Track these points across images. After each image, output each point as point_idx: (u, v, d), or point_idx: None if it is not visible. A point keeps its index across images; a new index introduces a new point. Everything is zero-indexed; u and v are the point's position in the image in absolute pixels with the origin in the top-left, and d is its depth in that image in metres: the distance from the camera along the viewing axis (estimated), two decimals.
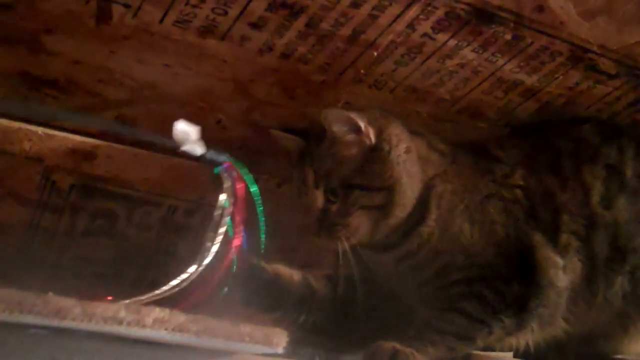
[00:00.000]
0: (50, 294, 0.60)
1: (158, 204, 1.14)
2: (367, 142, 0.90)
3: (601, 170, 0.96)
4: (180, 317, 0.61)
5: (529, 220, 0.93)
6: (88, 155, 1.04)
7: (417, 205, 0.91)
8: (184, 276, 0.79)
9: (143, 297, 0.74)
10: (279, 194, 1.18)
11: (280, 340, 0.64)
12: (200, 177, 1.12)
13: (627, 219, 0.95)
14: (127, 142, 1.05)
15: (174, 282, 0.78)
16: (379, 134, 0.91)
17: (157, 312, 0.61)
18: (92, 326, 0.59)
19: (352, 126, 0.89)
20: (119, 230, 1.16)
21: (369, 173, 0.90)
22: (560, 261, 0.92)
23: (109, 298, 0.67)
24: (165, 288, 0.78)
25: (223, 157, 0.90)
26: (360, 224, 0.89)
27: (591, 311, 0.95)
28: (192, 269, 0.80)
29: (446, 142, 0.97)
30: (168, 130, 1.04)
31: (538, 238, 0.92)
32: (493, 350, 0.95)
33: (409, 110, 1.03)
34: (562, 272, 0.92)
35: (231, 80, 0.97)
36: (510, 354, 0.96)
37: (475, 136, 1.08)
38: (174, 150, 0.88)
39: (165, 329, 0.60)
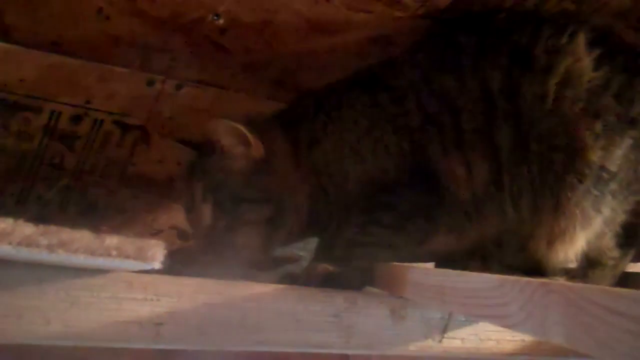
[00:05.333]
0: None
1: (38, 110, 1.01)
2: (256, 155, 0.91)
3: (504, 59, 0.90)
4: (27, 229, 0.50)
5: (424, 131, 0.92)
6: None
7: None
8: None
9: None
10: (178, 98, 1.07)
11: (156, 253, 0.54)
12: (87, 77, 0.99)
13: (531, 104, 0.88)
14: None
15: None
16: (266, 146, 0.92)
17: None
18: None
19: (241, 139, 0.90)
20: None
21: (258, 185, 0.91)
22: (460, 172, 0.90)
23: None
24: None
25: None
26: (248, 242, 0.90)
27: (503, 209, 0.90)
28: None
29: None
30: (41, 25, 0.91)
31: (434, 149, 0.91)
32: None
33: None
34: (464, 182, 0.90)
35: None
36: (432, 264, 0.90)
37: (392, 29, 0.98)
38: None
39: (9, 243, 0.48)
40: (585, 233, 0.87)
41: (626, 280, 0.97)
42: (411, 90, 0.93)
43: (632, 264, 0.98)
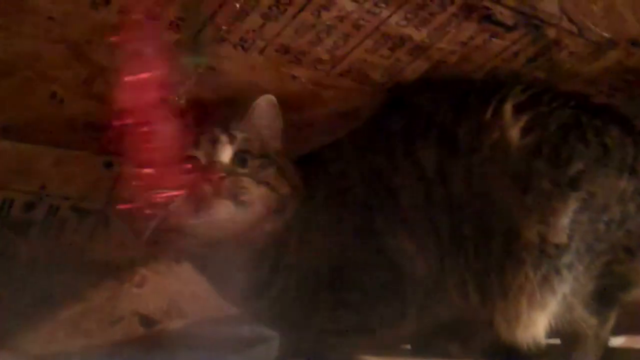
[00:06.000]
0: None
1: None
2: (279, 147, 0.92)
3: (433, 142, 0.87)
4: None
5: (369, 205, 0.89)
6: None
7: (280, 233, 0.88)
8: None
9: None
10: None
11: None
12: (41, 162, 0.94)
13: (459, 187, 0.85)
14: None
15: None
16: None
17: None
18: None
19: (271, 127, 0.91)
20: None
21: (283, 163, 0.89)
22: (411, 249, 0.86)
23: None
24: None
25: None
26: (258, 199, 0.84)
27: (450, 296, 0.87)
28: None
29: None
30: None
31: (380, 223, 0.88)
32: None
33: (284, 75, 0.88)
34: (418, 259, 0.86)
35: (63, 42, 0.78)
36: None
37: (359, 103, 0.96)
38: None
39: None
40: (544, 313, 0.83)
41: (612, 357, 0.92)
42: (351, 166, 0.92)
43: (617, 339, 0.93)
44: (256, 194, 0.84)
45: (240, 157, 0.85)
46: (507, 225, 0.82)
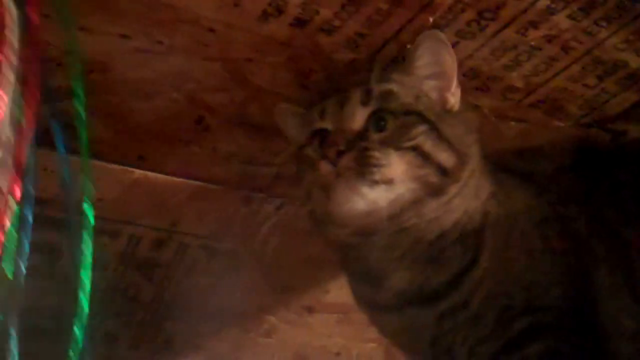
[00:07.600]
0: None
1: (115, 234, 0.85)
2: (451, 102, 0.68)
3: None
4: None
5: (591, 246, 0.72)
6: None
7: (467, 237, 0.69)
8: None
9: None
10: (278, 218, 0.89)
11: None
12: (174, 196, 0.83)
13: None
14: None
15: None
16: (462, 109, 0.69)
17: None
18: None
19: (441, 74, 0.67)
20: (62, 269, 0.86)
21: (445, 123, 0.67)
22: (629, 325, 0.70)
23: None
24: None
25: None
26: (403, 173, 0.64)
27: None
28: None
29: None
30: (126, 136, 0.75)
31: (602, 275, 0.71)
32: None
33: (465, 103, 0.75)
34: (628, 338, 0.69)
35: (220, 60, 0.68)
36: None
37: (544, 139, 0.81)
38: None
39: None
40: None
41: None
42: (572, 199, 0.75)
43: None
44: (398, 166, 0.64)
45: (377, 119, 0.66)
46: None
